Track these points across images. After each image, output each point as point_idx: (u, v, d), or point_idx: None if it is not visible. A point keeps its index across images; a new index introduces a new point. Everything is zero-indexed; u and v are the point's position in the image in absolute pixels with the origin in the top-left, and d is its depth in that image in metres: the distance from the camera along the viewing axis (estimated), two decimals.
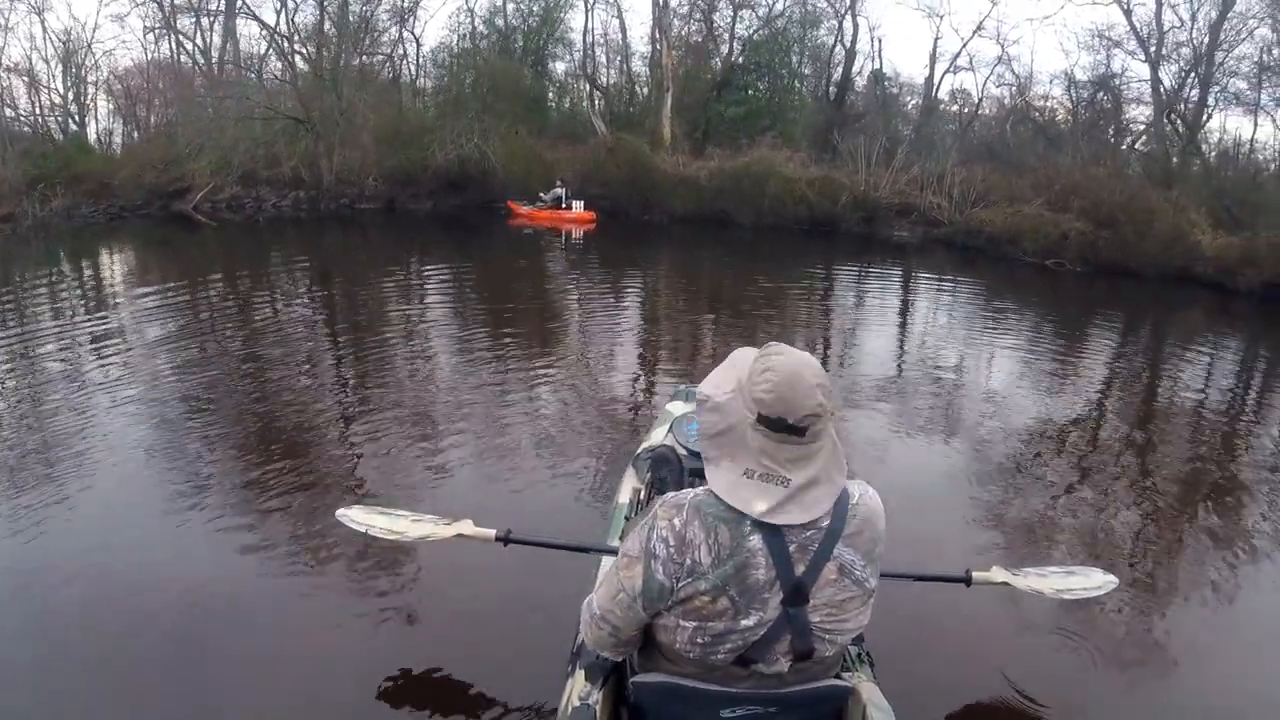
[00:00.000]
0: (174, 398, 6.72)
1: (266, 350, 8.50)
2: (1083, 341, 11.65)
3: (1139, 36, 24.02)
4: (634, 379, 8.22)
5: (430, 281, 13.73)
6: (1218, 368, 10.48)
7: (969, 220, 20.70)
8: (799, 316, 12.29)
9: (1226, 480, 6.16)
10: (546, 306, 11.96)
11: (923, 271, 18.06)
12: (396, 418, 6.43)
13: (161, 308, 10.35)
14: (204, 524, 4.52)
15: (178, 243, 17.89)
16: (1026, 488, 5.70)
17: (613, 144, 24.92)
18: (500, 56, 28.24)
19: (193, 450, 5.62)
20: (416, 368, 8.18)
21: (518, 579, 3.79)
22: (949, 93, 31.27)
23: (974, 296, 15.50)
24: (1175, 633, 3.98)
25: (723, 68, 29.34)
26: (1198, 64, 22.95)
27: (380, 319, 10.36)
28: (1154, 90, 23.93)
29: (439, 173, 23.20)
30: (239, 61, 26.42)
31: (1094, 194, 19.20)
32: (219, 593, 3.82)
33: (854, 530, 1.68)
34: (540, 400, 7.08)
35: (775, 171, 22.55)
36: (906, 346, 10.66)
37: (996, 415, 7.33)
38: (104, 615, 3.61)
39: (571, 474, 5.47)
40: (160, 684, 3.24)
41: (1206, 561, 4.75)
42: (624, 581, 1.72)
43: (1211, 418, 7.96)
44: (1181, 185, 20.42)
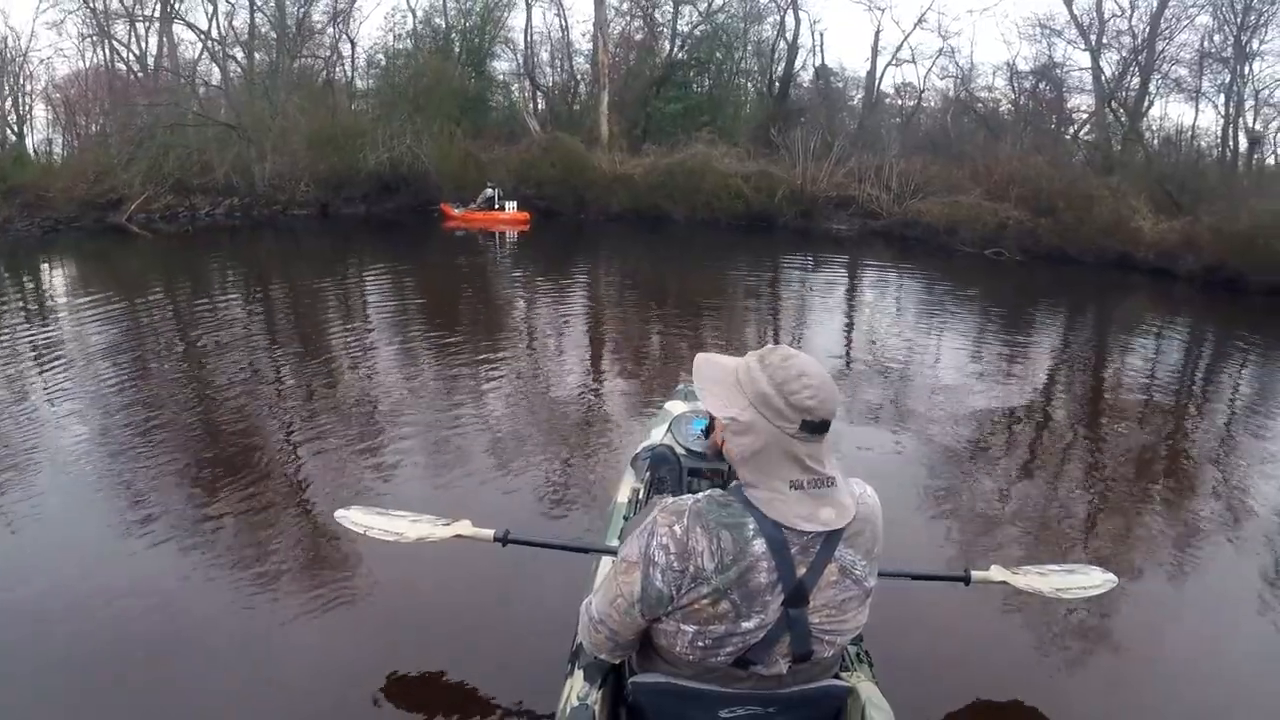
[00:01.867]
0: (117, 411, 6.50)
1: (209, 363, 8.30)
2: (1028, 330, 11.59)
3: (1079, 25, 23.94)
4: (586, 380, 8.09)
5: (366, 290, 13.30)
6: (1164, 352, 10.51)
7: (907, 212, 20.48)
8: (740, 313, 12.16)
9: (1181, 463, 6.24)
10: (485, 312, 11.80)
11: (862, 264, 17.80)
12: (344, 423, 6.32)
13: (99, 322, 9.94)
14: (165, 538, 4.38)
15: (113, 256, 17.35)
16: (978, 476, 5.68)
17: (547, 143, 24.53)
18: (436, 56, 27.74)
19: (141, 465, 5.43)
20: (364, 372, 8.06)
21: (516, 579, 3.77)
22: (895, 86, 31.18)
23: (915, 288, 15.24)
24: (1166, 625, 3.98)
25: (662, 64, 28.79)
26: (1138, 52, 22.88)
27: (317, 330, 10.09)
28: (1095, 79, 23.84)
29: (372, 176, 22.75)
30: (176, 68, 25.69)
31: (1033, 182, 18.96)
32: (186, 609, 3.73)
33: (854, 530, 1.66)
34: (490, 404, 6.99)
35: (711, 167, 22.29)
36: (849, 339, 10.52)
37: (945, 405, 7.26)
38: (54, 637, 3.48)
39: (517, 472, 5.43)
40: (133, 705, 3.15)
41: (1168, 546, 4.78)
42: (622, 587, 1.70)
43: (1160, 402, 7.98)
44: (1123, 172, 20.25)
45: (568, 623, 2.23)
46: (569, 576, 3.17)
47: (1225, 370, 10.01)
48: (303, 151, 22.60)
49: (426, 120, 23.75)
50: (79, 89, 27.16)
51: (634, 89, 28.91)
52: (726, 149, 23.39)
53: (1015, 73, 26.71)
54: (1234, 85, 21.53)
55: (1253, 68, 21.59)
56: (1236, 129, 21.68)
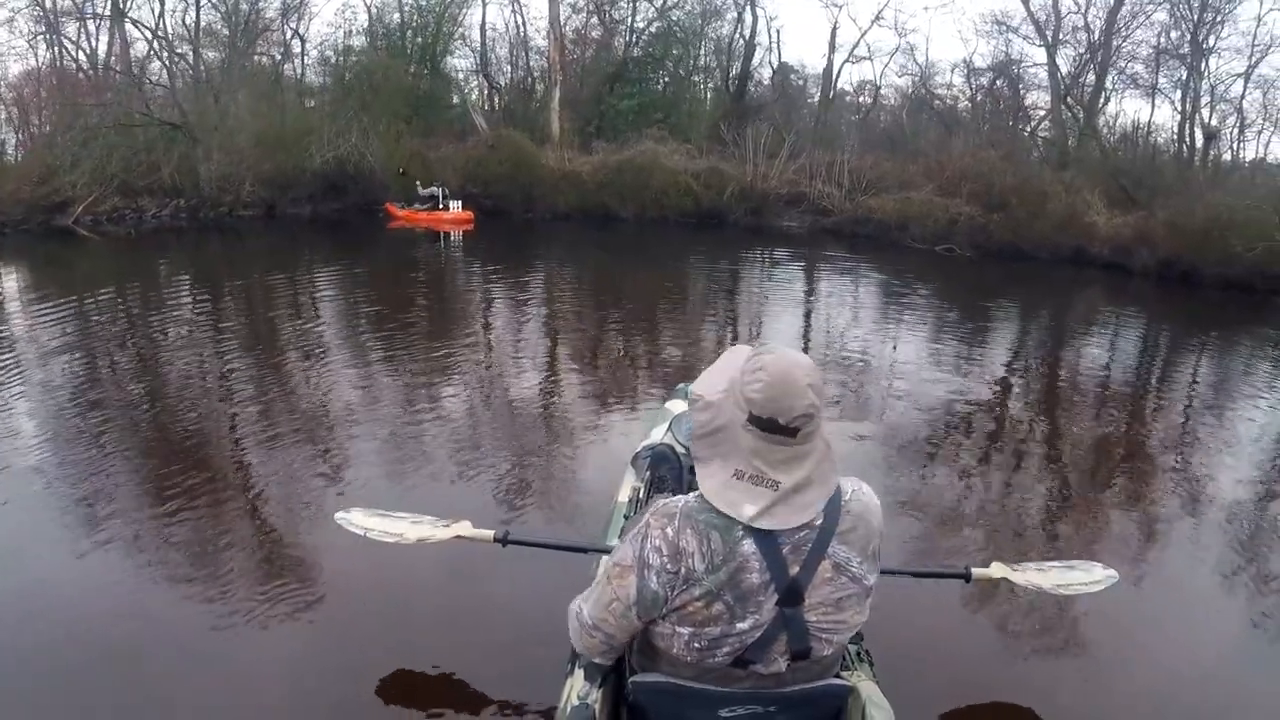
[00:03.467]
0: (72, 416, 6.32)
1: (163, 367, 8.11)
2: (985, 326, 11.42)
3: (1035, 22, 23.65)
4: (544, 381, 7.92)
5: (316, 292, 12.87)
6: (1121, 347, 10.51)
7: (858, 208, 20.14)
8: (693, 311, 12.01)
9: (1142, 456, 6.27)
10: (437, 314, 11.52)
11: (811, 261, 17.47)
12: (306, 427, 6.19)
13: (50, 327, 9.56)
14: (124, 543, 4.26)
15: (61, 260, 16.62)
16: (939, 472, 5.66)
17: (494, 141, 23.95)
18: (387, 54, 27.13)
19: (98, 469, 5.26)
20: (326, 375, 7.80)
21: (515, 578, 3.71)
22: (856, 84, 30.85)
23: (867, 285, 15.02)
24: (1145, 620, 3.95)
25: (617, 61, 28.29)
26: (1095, 49, 22.63)
27: (267, 334, 9.80)
28: (1051, 75, 23.54)
29: (318, 176, 22.01)
30: (129, 67, 24.73)
31: (985, 178, 18.62)
32: (149, 614, 3.63)
33: (848, 527, 1.66)
34: (449, 405, 6.86)
35: (660, 165, 21.82)
36: (805, 336, 10.26)
37: (905, 401, 7.23)
38: (6, 645, 3.38)
39: (476, 470, 5.38)
40: None
41: (1133, 538, 4.80)
42: (618, 591, 1.70)
43: (1119, 396, 8.00)
44: (1078, 167, 20.00)
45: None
46: (568, 576, 3.01)
47: (1182, 364, 9.98)
48: (249, 151, 21.90)
49: (374, 119, 23.14)
50: (32, 88, 26.39)
51: (589, 86, 28.44)
52: (676, 146, 22.99)
53: (972, 69, 26.44)
54: (1190, 81, 21.33)
55: (1209, 64, 21.48)
56: (1193, 125, 21.44)
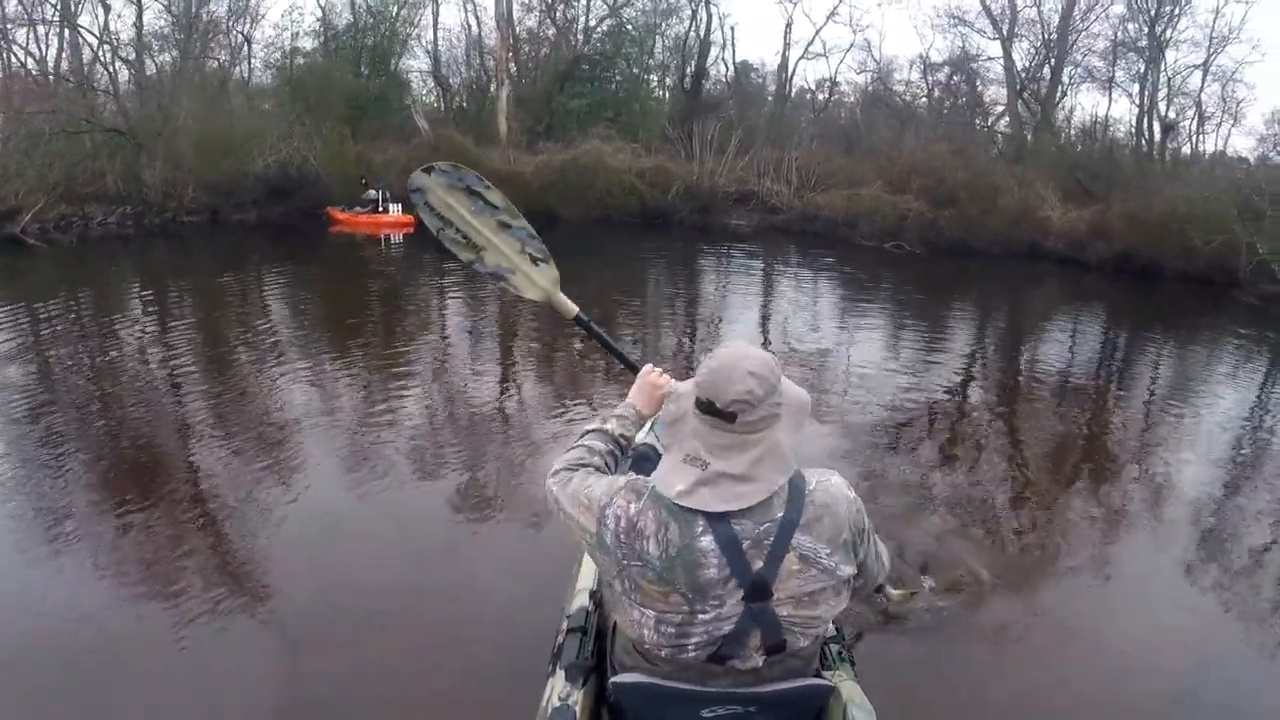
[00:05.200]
0: (24, 426, 6.21)
1: (117, 376, 7.95)
2: (937, 326, 11.09)
3: (990, 15, 23.15)
4: (503, 382, 7.89)
5: (258, 298, 12.70)
6: (1078, 343, 10.43)
7: (807, 205, 19.65)
8: (629, 312, 11.58)
9: (1101, 451, 6.28)
10: (385, 317, 11.29)
11: (758, 260, 17.07)
12: (253, 430, 6.14)
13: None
14: (78, 551, 4.22)
15: (8, 269, 15.91)
16: (896, 472, 5.54)
17: (436, 142, 23.16)
18: (335, 55, 26.63)
19: (55, 483, 5.16)
20: (251, 381, 7.72)
21: (495, 578, 3.78)
22: (816, 81, 30.29)
23: (816, 284, 14.64)
24: (1106, 616, 3.93)
25: (567, 59, 27.54)
26: (1050, 43, 22.22)
27: (214, 340, 9.58)
28: (1007, 70, 23.03)
29: (261, 180, 21.47)
30: (81, 73, 24.05)
31: (936, 172, 18.03)
32: (105, 622, 3.58)
33: (811, 518, 1.65)
34: (403, 409, 6.69)
35: (604, 164, 21.26)
36: (750, 338, 9.75)
37: (861, 400, 7.12)
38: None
39: (435, 475, 5.35)
40: None
41: (1094, 535, 4.77)
42: (580, 517, 1.74)
43: (1078, 393, 7.96)
44: (1033, 161, 19.54)
45: (549, 623, 2.30)
46: (549, 578, 3.17)
47: (1142, 358, 9.98)
48: (191, 156, 21.39)
49: (317, 122, 22.63)
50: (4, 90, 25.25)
51: (540, 85, 27.83)
52: (622, 145, 22.40)
53: (929, 65, 25.87)
54: (1149, 75, 20.90)
55: (1167, 57, 21.07)
56: (1151, 118, 20.99)
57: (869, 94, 27.41)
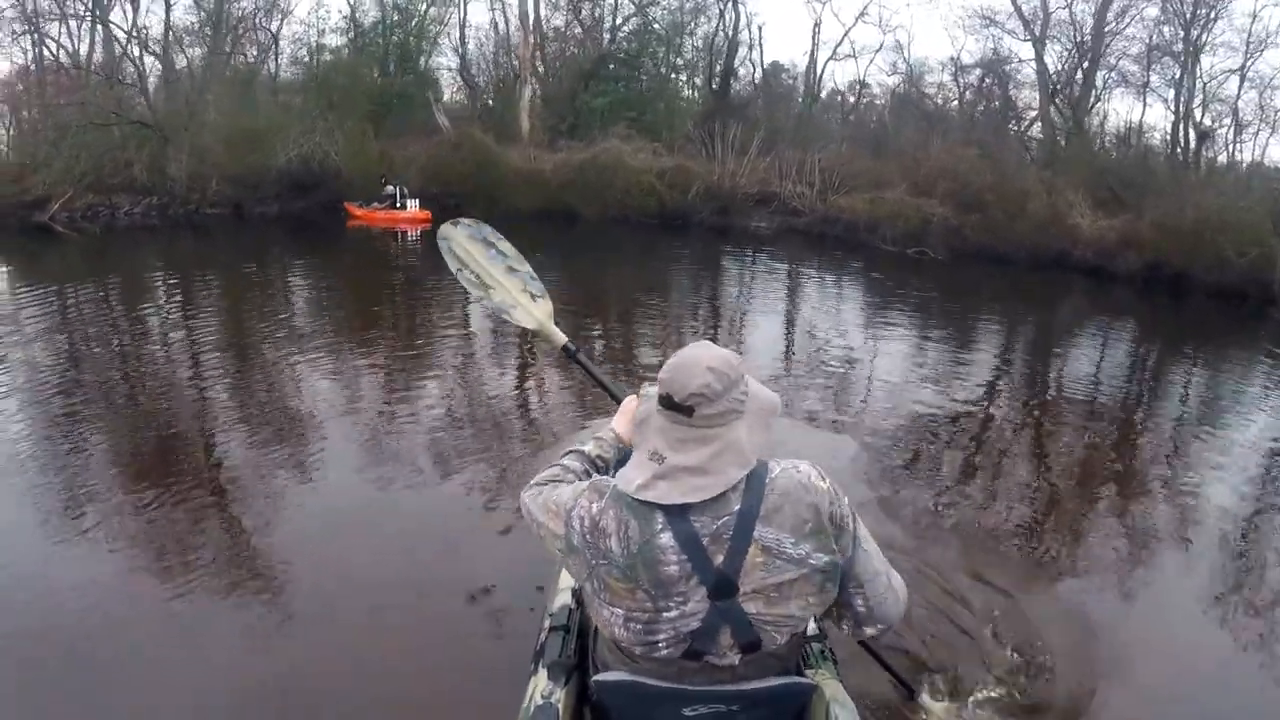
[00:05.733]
0: (50, 409, 6.43)
1: (141, 363, 8.24)
2: (965, 334, 10.93)
3: (1023, 17, 22.65)
4: (510, 379, 7.98)
5: (279, 290, 13.01)
6: (1106, 357, 10.11)
7: (829, 208, 19.19)
8: (652, 314, 11.59)
9: (1127, 469, 6.12)
10: (404, 314, 11.45)
11: (777, 264, 16.73)
12: (272, 424, 6.23)
13: (33, 321, 9.72)
14: (96, 534, 4.34)
15: (39, 255, 16.86)
16: (917, 485, 5.46)
17: (457, 139, 23.19)
18: (359, 52, 26.73)
19: (75, 465, 5.34)
20: (270, 370, 7.92)
21: (479, 578, 3.77)
22: (847, 83, 29.90)
23: (837, 290, 14.41)
24: (1112, 629, 3.84)
25: (592, 58, 27.39)
26: (1083, 45, 21.71)
27: (236, 331, 9.84)
28: (1039, 72, 22.51)
29: (284, 174, 21.68)
30: (113, 66, 24.40)
31: (962, 176, 17.49)
32: (115, 605, 3.67)
33: (772, 508, 1.63)
34: (422, 404, 6.78)
35: (623, 163, 21.05)
36: (767, 344, 9.88)
37: (879, 413, 6.99)
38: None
39: (451, 472, 5.39)
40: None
41: (1117, 554, 4.65)
42: (550, 523, 1.77)
43: (1104, 409, 7.72)
44: (1061, 166, 19.03)
45: (531, 623, 2.34)
46: (532, 576, 3.19)
47: (1172, 376, 9.71)
48: (217, 149, 21.68)
49: (340, 117, 22.70)
50: (26, 85, 26.00)
51: (565, 84, 27.70)
52: (642, 144, 22.18)
53: (960, 67, 25.40)
54: (1183, 80, 20.35)
55: (1201, 63, 20.53)
56: (1187, 125, 20.41)
57: (898, 96, 26.96)
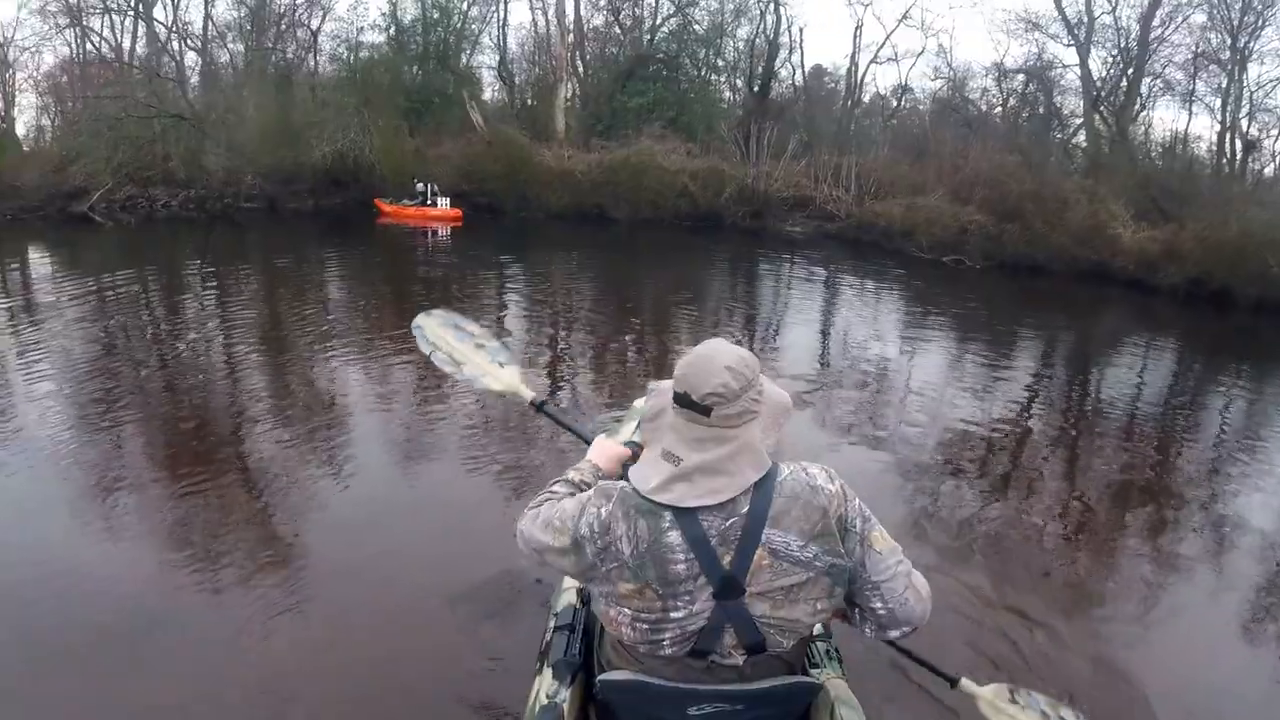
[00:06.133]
0: (88, 400, 6.50)
1: (178, 353, 8.37)
2: (1002, 344, 10.77)
3: (1067, 22, 22.15)
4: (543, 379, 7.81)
5: (311, 284, 13.10)
6: (1146, 373, 9.94)
7: (865, 214, 18.84)
8: (683, 316, 11.57)
9: (1163, 489, 6.00)
10: (429, 305, 11.15)
11: (815, 267, 16.60)
12: (303, 421, 6.21)
13: (74, 308, 10.03)
14: (126, 524, 4.43)
15: (79, 244, 17.36)
16: (952, 497, 5.41)
17: (490, 137, 23.19)
18: (397, 50, 26.66)
19: (108, 457, 5.41)
20: (302, 362, 8.04)
21: (484, 575, 3.76)
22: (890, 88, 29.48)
23: (872, 296, 14.17)
24: (1139, 651, 3.82)
25: (629, 58, 27.21)
26: (1129, 52, 21.22)
27: (269, 323, 10.00)
28: (1083, 79, 22.03)
29: (319, 170, 21.90)
30: (158, 59, 24.92)
31: (1001, 184, 17.08)
32: (143, 594, 3.72)
33: (780, 511, 1.63)
34: (447, 401, 6.78)
35: (655, 164, 20.89)
36: (808, 348, 9.76)
37: (915, 423, 6.90)
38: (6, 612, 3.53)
39: (478, 467, 5.41)
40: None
41: (1147, 575, 4.62)
42: (554, 540, 1.75)
43: (1142, 427, 7.62)
44: (1103, 175, 18.60)
45: (536, 621, 2.36)
46: (534, 571, 3.20)
47: (1213, 394, 9.40)
48: (251, 144, 21.95)
49: (376, 114, 22.73)
50: (70, 77, 26.61)
51: (602, 83, 27.52)
52: (676, 145, 21.97)
53: (1003, 72, 24.90)
54: (1230, 89, 19.85)
55: (1249, 71, 20.05)
56: (1233, 135, 19.92)
57: (938, 100, 26.56)
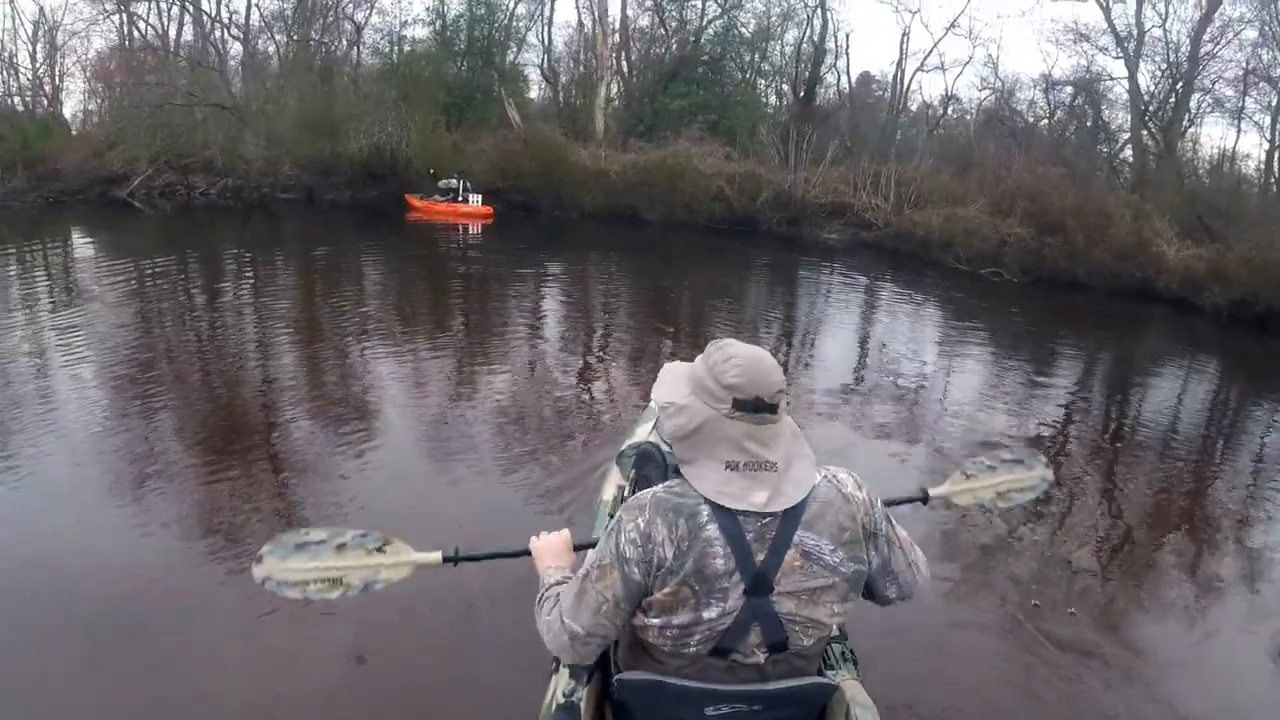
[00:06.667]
0: (125, 383, 6.72)
1: (212, 341, 8.57)
2: (1039, 359, 10.63)
3: (1116, 34, 21.68)
4: (568, 380, 7.90)
5: (352, 275, 13.36)
6: (1187, 395, 9.69)
7: (903, 223, 18.54)
8: (713, 321, 11.49)
9: (1201, 517, 5.89)
10: (461, 307, 11.65)
11: (853, 276, 16.37)
12: (325, 419, 6.22)
13: (114, 291, 10.44)
14: (152, 512, 4.50)
15: (119, 228, 17.91)
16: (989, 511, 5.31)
17: (526, 135, 23.11)
18: (440, 45, 26.91)
19: (142, 441, 5.53)
20: (349, 368, 7.90)
21: (498, 570, 3.56)
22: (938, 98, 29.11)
23: (909, 307, 13.95)
24: (1172, 678, 3.80)
25: (673, 59, 27.17)
26: (1178, 67, 20.76)
27: (299, 317, 10.01)
28: (1131, 93, 21.55)
29: (356, 162, 22.01)
30: (204, 48, 25.32)
31: (1043, 196, 16.71)
32: (169, 579, 3.82)
33: (814, 515, 1.66)
34: (474, 402, 6.88)
35: (691, 166, 20.64)
36: (845, 356, 9.77)
37: (951, 435, 6.96)
38: (40, 597, 3.59)
39: (503, 471, 5.42)
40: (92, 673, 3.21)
41: (1182, 604, 4.54)
42: (604, 591, 1.71)
43: (1181, 450, 7.40)
44: (1148, 190, 18.16)
45: None
46: None
47: (1254, 420, 9.17)
48: (292, 134, 22.26)
49: (414, 108, 22.81)
50: (117, 63, 27.06)
51: (645, 84, 27.56)
52: (713, 148, 21.76)
53: (1051, 83, 24.44)
54: None
55: None
56: None
57: (983, 110, 26.16)
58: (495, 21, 27.74)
